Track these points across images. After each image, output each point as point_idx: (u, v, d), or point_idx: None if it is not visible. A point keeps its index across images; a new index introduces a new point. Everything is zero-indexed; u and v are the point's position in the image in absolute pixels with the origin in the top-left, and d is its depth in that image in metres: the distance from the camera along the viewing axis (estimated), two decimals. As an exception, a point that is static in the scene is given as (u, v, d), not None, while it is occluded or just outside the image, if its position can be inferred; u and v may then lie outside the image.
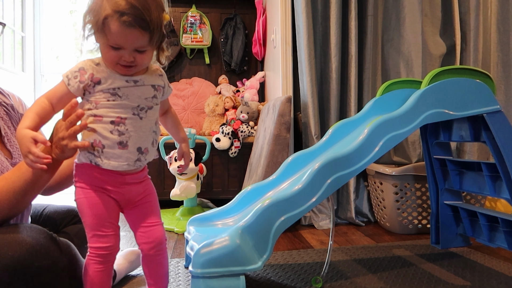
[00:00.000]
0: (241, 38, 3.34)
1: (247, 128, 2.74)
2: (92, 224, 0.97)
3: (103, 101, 0.95)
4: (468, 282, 1.40)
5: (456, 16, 2.36)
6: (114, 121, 0.95)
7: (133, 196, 1.02)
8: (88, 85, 0.95)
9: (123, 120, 0.95)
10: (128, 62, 0.92)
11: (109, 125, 0.95)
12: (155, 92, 1.01)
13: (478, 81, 1.49)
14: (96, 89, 0.95)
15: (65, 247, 1.04)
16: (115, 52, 0.91)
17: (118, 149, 0.95)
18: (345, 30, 2.36)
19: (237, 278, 1.15)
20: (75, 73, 0.95)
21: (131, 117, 0.96)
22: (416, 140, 2.35)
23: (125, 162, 0.96)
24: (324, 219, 2.26)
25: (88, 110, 0.96)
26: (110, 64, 0.94)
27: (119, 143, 0.95)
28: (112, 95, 0.95)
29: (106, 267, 0.98)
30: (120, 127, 0.95)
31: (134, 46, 0.90)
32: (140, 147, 0.98)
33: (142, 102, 0.98)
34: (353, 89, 2.33)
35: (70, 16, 4.61)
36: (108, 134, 0.94)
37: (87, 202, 0.97)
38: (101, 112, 0.95)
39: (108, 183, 0.98)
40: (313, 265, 1.61)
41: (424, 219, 2.07)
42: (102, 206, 0.97)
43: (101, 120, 0.95)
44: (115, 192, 0.99)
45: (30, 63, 3.65)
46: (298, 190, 1.26)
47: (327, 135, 1.61)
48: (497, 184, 1.50)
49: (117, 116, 0.95)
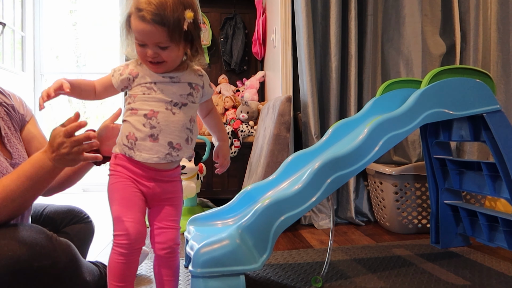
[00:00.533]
0: (241, 38, 3.34)
1: (247, 128, 2.74)
2: (119, 208, 0.98)
3: (139, 94, 1.00)
4: (468, 282, 1.40)
5: (456, 15, 2.36)
6: (147, 114, 0.98)
7: (160, 194, 1.03)
8: (128, 79, 1.01)
9: (155, 113, 0.98)
10: (152, 58, 0.96)
11: (142, 118, 0.98)
12: (192, 90, 1.03)
13: (478, 81, 1.49)
14: (134, 83, 1.01)
15: (65, 247, 1.04)
16: (141, 49, 0.96)
17: (149, 141, 0.98)
18: (345, 30, 2.36)
19: (237, 278, 1.15)
20: (120, 67, 1.03)
21: (164, 111, 0.99)
22: (416, 139, 2.35)
23: (155, 155, 0.99)
24: (324, 218, 2.27)
25: (128, 104, 1.01)
26: (142, 61, 1.00)
27: (150, 136, 0.98)
28: (148, 89, 1.00)
29: (127, 260, 0.96)
30: (152, 120, 0.98)
31: (154, 42, 0.94)
32: (171, 141, 1.00)
33: (177, 98, 1.01)
34: (353, 89, 2.33)
35: (70, 16, 4.61)
36: (140, 126, 0.98)
37: (117, 187, 1.00)
38: (137, 105, 0.99)
39: (138, 175, 1.00)
40: (313, 264, 1.61)
41: (424, 219, 2.07)
42: (130, 191, 1.00)
43: (136, 113, 0.99)
44: (144, 185, 1.01)
45: (30, 62, 3.64)
46: (298, 189, 1.26)
47: (327, 134, 1.61)
48: (497, 183, 1.50)
49: (150, 109, 0.98)
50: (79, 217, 1.38)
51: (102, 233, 1.70)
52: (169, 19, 0.91)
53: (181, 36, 0.95)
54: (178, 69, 1.03)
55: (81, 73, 4.73)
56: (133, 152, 0.99)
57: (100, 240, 1.74)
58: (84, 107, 4.84)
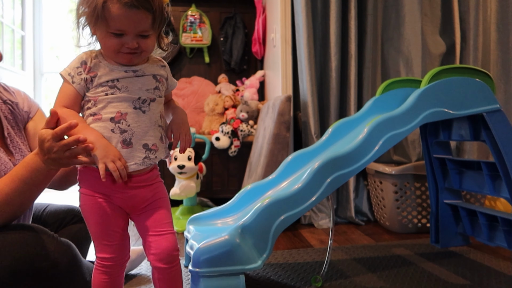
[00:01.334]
0: (240, 37, 3.34)
1: (246, 127, 2.74)
2: (96, 232, 0.91)
3: (101, 96, 0.88)
4: (467, 281, 1.41)
5: (456, 15, 2.36)
6: (114, 118, 0.87)
7: (139, 202, 0.93)
8: (85, 81, 0.89)
9: (123, 115, 0.88)
10: (132, 48, 0.86)
11: (109, 123, 0.87)
12: (157, 84, 0.94)
13: (478, 80, 1.49)
14: (93, 83, 0.88)
15: (65, 247, 1.04)
16: (117, 40, 0.85)
17: (122, 148, 0.88)
18: (345, 29, 2.36)
19: (237, 277, 1.16)
20: (76, 68, 0.89)
21: (132, 111, 0.89)
22: (416, 139, 2.35)
23: (132, 162, 0.89)
24: (324, 218, 2.27)
25: (87, 110, 0.90)
26: (111, 53, 0.88)
27: (122, 142, 0.88)
28: (110, 88, 0.88)
29: (111, 278, 0.91)
30: (121, 124, 0.88)
31: (137, 30, 0.85)
32: (147, 143, 0.90)
33: (144, 94, 0.91)
34: (353, 88, 2.33)
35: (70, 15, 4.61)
36: (109, 133, 0.87)
37: (90, 210, 0.90)
38: (100, 109, 0.88)
39: (110, 188, 0.89)
40: (312, 264, 1.61)
41: (424, 218, 2.07)
42: (105, 213, 0.90)
43: (100, 119, 0.88)
44: (118, 198, 0.91)
45: (30, 62, 3.64)
46: (297, 189, 1.27)
47: (327, 134, 1.61)
48: (496, 183, 1.50)
49: (116, 111, 0.88)
50: (79, 217, 1.37)
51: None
52: (156, 5, 0.84)
53: (162, 23, 0.89)
54: (140, 62, 0.93)
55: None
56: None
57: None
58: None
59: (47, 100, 4.23)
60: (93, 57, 0.90)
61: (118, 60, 0.89)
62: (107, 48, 0.87)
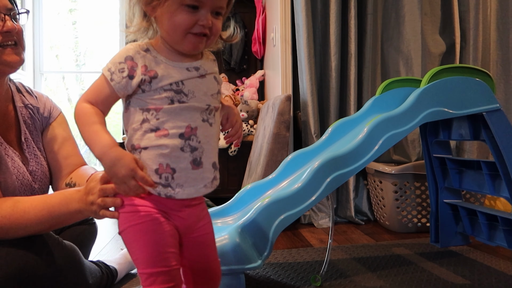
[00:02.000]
0: (240, 37, 3.34)
1: (246, 127, 2.74)
2: (149, 257, 0.71)
3: (165, 105, 0.71)
4: (467, 281, 1.41)
5: (455, 14, 2.36)
6: (184, 134, 0.71)
7: (194, 222, 0.79)
8: (142, 82, 0.71)
9: (194, 130, 0.72)
10: (205, 28, 0.71)
11: (178, 141, 0.71)
12: (218, 87, 0.79)
13: (478, 80, 1.49)
14: (152, 87, 0.71)
15: (69, 252, 1.04)
16: (191, 15, 0.70)
17: (192, 169, 0.73)
18: (345, 29, 2.36)
19: (237, 277, 1.16)
20: (120, 64, 0.72)
21: (201, 124, 0.73)
22: (416, 138, 2.35)
23: (201, 185, 0.75)
24: (324, 217, 2.27)
25: (145, 123, 0.71)
26: (180, 34, 0.71)
27: (192, 162, 0.73)
28: (176, 93, 0.71)
29: None
30: (192, 140, 0.72)
31: (215, 4, 0.72)
32: (215, 161, 0.77)
33: (210, 101, 0.75)
34: (353, 88, 2.33)
35: (70, 15, 4.61)
36: (177, 152, 0.71)
37: (143, 228, 0.72)
38: (164, 122, 0.71)
39: (168, 205, 0.75)
40: (312, 263, 1.61)
41: (424, 218, 2.07)
42: (162, 231, 0.73)
43: (167, 135, 0.71)
44: (176, 216, 0.75)
45: (29, 61, 3.64)
46: (297, 188, 1.26)
47: (327, 133, 1.61)
48: (496, 182, 1.50)
49: (186, 125, 0.72)
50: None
51: (102, 232, 1.70)
52: None
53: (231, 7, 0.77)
54: (196, 57, 0.76)
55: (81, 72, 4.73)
56: (171, 190, 0.73)
57: (100, 239, 1.74)
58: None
59: (47, 99, 4.22)
60: (144, 51, 0.73)
61: (183, 45, 0.72)
62: (176, 26, 0.70)
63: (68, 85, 4.75)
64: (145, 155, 0.72)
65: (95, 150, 0.69)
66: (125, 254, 1.46)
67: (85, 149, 2.34)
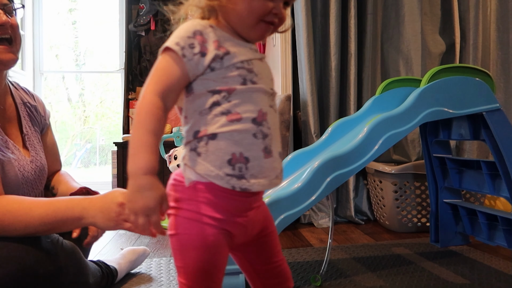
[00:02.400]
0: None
1: (246, 127, 2.74)
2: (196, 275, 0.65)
3: (238, 85, 0.64)
4: (467, 280, 1.41)
5: (455, 14, 2.36)
6: (257, 118, 0.65)
7: (256, 226, 0.71)
8: (214, 59, 0.63)
9: (264, 115, 0.66)
10: (278, 16, 0.66)
11: (251, 126, 0.64)
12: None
13: (478, 80, 1.49)
14: (224, 64, 0.64)
15: (70, 252, 1.04)
16: (268, 2, 0.64)
17: (264, 158, 0.65)
18: (345, 29, 2.36)
19: (237, 277, 1.16)
20: (189, 39, 0.62)
21: (269, 110, 0.67)
22: (416, 138, 2.35)
23: (274, 175, 0.67)
24: (324, 217, 2.27)
25: (215, 107, 0.64)
26: (252, 21, 0.65)
27: (264, 150, 0.65)
28: (248, 71, 0.65)
29: None
30: (263, 126, 0.65)
31: None
32: (280, 151, 0.70)
33: (272, 86, 0.70)
34: (353, 88, 2.33)
35: (69, 15, 4.61)
36: (251, 139, 0.64)
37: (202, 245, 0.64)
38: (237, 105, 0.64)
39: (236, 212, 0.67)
40: (312, 263, 1.61)
41: (424, 218, 2.07)
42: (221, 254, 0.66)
43: (240, 120, 0.64)
44: (234, 223, 0.67)
45: (29, 61, 3.64)
46: (297, 188, 1.26)
47: (327, 133, 1.61)
48: (496, 182, 1.50)
49: (259, 109, 0.65)
50: None
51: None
52: None
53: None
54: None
55: (81, 71, 4.73)
56: (246, 181, 0.64)
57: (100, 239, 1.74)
58: (83, 106, 4.85)
59: (47, 99, 4.23)
60: (210, 26, 0.65)
61: (253, 31, 0.67)
62: (252, 11, 0.64)
63: (68, 84, 4.76)
64: (214, 145, 0.64)
65: (130, 164, 0.60)
66: (125, 255, 1.46)
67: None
